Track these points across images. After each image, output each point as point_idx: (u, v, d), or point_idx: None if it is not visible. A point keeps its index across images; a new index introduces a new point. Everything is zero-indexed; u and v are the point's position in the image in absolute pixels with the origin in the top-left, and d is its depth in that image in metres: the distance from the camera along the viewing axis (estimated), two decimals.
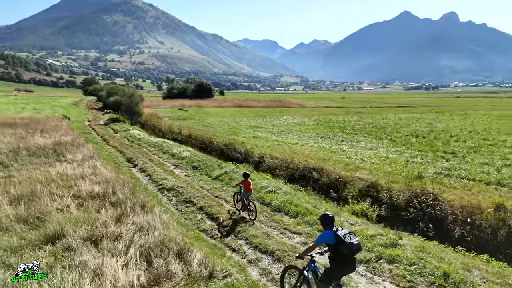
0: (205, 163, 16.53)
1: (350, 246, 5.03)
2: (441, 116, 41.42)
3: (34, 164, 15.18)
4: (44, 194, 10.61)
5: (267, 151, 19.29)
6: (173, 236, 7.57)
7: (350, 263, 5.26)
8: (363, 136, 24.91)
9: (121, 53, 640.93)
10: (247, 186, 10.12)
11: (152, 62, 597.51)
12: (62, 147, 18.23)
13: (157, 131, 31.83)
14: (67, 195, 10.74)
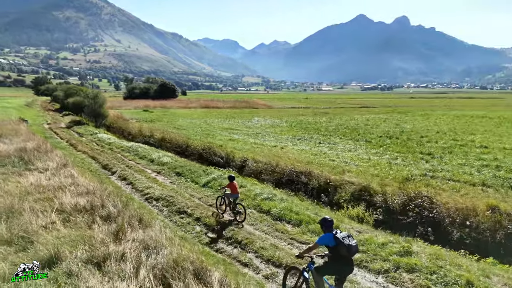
0: (189, 169, 15.88)
1: (348, 248, 5.32)
2: (405, 117, 43.13)
3: (0, 174, 13.81)
4: (23, 209, 9.62)
5: (248, 155, 18.91)
6: (186, 254, 7.02)
7: (348, 264, 5.57)
8: (338, 137, 25.23)
9: (75, 51, 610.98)
10: (234, 189, 10.42)
11: (109, 60, 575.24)
12: (28, 154, 16.77)
13: (126, 135, 30.38)
14: (49, 210, 9.82)
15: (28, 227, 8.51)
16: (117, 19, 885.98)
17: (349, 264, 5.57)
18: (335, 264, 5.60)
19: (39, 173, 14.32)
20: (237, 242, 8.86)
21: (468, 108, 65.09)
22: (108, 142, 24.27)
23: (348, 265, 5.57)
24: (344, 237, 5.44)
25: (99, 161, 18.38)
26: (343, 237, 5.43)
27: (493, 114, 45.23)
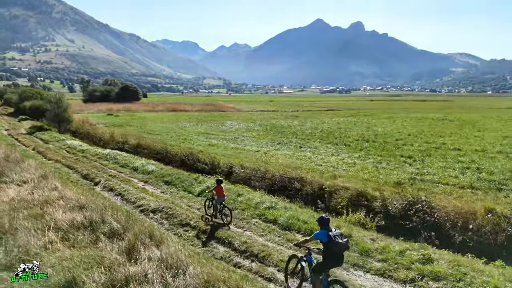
0: (178, 177, 15.33)
1: (338, 245, 6.04)
2: (372, 119, 44.62)
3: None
4: (15, 228, 8.77)
5: (234, 161, 18.62)
6: (217, 273, 6.66)
7: (337, 259, 6.26)
8: (317, 141, 25.55)
9: (23, 51, 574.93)
10: (220, 192, 10.72)
11: (61, 61, 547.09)
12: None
13: (96, 141, 28.90)
14: (43, 228, 9.03)
15: (28, 249, 7.77)
16: (69, 17, 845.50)
17: (339, 259, 6.27)
18: (327, 261, 6.32)
19: (17, 186, 13.19)
20: (254, 256, 8.58)
21: (425, 110, 68.61)
22: (81, 149, 22.92)
23: (337, 260, 6.28)
24: (336, 235, 6.12)
25: (77, 170, 17.26)
26: (335, 235, 6.12)
27: (451, 117, 47.96)
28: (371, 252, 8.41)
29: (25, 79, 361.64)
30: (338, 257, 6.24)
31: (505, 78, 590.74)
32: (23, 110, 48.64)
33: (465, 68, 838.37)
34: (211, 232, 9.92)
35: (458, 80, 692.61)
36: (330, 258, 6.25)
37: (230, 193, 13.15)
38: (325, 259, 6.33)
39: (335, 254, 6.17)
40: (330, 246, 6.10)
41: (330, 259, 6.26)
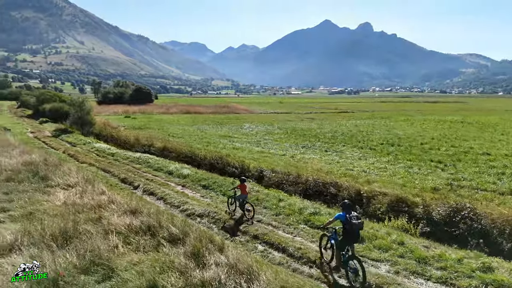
0: (214, 181, 15.57)
1: (352, 225, 7.60)
2: (389, 122, 44.54)
3: (22, 192, 12.93)
4: (79, 232, 9.08)
5: (263, 165, 18.81)
6: (293, 281, 6.87)
7: (353, 236, 7.79)
8: (341, 145, 25.63)
9: (34, 53, 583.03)
10: (244, 189, 11.79)
11: (72, 63, 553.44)
12: (40, 169, 15.82)
13: (120, 143, 29.27)
14: (106, 232, 9.33)
15: (101, 253, 8.05)
16: (79, 20, 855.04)
17: (354, 237, 7.81)
18: (346, 238, 7.85)
19: (62, 189, 13.58)
20: (311, 262, 8.75)
21: (441, 112, 68.17)
22: (110, 153, 23.27)
23: (353, 237, 7.81)
24: (352, 217, 7.73)
25: (113, 174, 17.60)
26: (351, 217, 7.72)
27: (469, 119, 47.67)
28: (428, 259, 8.52)
29: (37, 81, 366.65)
30: (354, 235, 7.76)
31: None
32: (43, 112, 49.44)
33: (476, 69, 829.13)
34: (263, 238, 10.12)
35: (468, 81, 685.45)
36: (347, 235, 7.76)
37: (270, 198, 13.35)
38: (344, 236, 7.87)
39: (351, 232, 7.70)
40: (346, 225, 7.69)
41: (347, 236, 7.78)
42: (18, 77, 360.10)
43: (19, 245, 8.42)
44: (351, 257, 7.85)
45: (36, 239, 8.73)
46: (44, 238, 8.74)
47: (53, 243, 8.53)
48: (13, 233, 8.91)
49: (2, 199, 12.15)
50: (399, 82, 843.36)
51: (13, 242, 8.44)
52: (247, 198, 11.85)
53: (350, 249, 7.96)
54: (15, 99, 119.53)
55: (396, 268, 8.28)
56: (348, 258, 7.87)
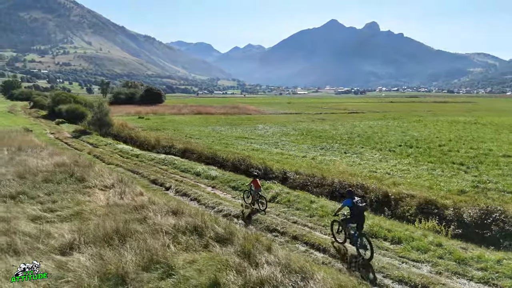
0: (242, 183, 15.97)
1: (358, 207, 9.41)
2: (402, 123, 44.64)
3: (63, 192, 13.46)
4: (131, 231, 9.54)
5: (285, 166, 19.14)
6: (342, 279, 7.24)
7: (360, 216, 9.47)
8: (359, 146, 25.90)
9: (43, 53, 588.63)
10: (257, 184, 13.31)
11: (79, 63, 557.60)
12: (73, 170, 16.34)
13: (140, 144, 29.76)
14: (154, 232, 9.76)
15: (156, 252, 8.47)
16: (86, 20, 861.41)
17: (361, 217, 9.49)
18: (352, 217, 9.56)
19: (100, 190, 14.08)
20: (353, 262, 9.11)
21: (452, 113, 68.02)
22: (134, 154, 23.79)
23: (360, 217, 9.48)
24: (357, 201, 9.56)
25: (143, 175, 18.08)
26: (357, 201, 9.56)
27: (482, 120, 47.61)
28: (467, 260, 8.84)
29: (45, 81, 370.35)
30: (360, 215, 9.47)
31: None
32: (59, 113, 50.21)
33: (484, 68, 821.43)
34: (302, 238, 10.48)
35: (476, 80, 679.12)
36: (354, 215, 9.51)
37: (301, 200, 13.70)
38: (351, 216, 9.60)
39: (357, 213, 9.44)
40: (353, 208, 9.46)
41: (354, 216, 9.51)
42: (27, 77, 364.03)
43: (78, 243, 8.90)
44: (360, 235, 9.46)
45: (91, 238, 9.21)
46: (100, 237, 9.22)
47: (110, 242, 9.01)
48: (70, 232, 9.38)
49: (46, 200, 12.67)
50: (406, 82, 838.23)
51: (72, 241, 8.92)
52: (260, 191, 13.32)
53: (358, 228, 9.49)
54: (26, 99, 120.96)
55: (438, 269, 8.60)
56: (358, 236, 9.49)
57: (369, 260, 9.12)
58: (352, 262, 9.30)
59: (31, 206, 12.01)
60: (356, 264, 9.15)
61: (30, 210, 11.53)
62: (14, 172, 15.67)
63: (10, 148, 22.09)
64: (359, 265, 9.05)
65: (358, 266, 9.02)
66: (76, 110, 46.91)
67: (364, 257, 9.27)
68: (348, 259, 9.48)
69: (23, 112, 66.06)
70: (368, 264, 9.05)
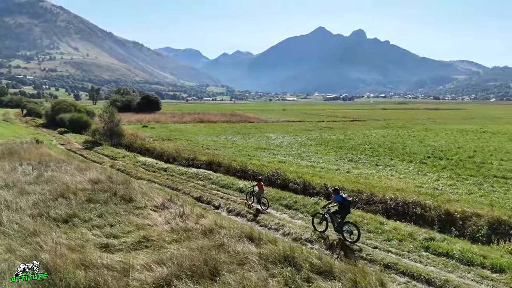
0: (295, 201, 15.26)
1: (347, 201, 11.68)
2: (411, 131, 44.61)
3: (114, 214, 12.59)
4: (220, 263, 8.78)
5: (325, 181, 18.52)
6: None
7: (347, 209, 11.65)
8: (387, 158, 25.46)
9: (28, 59, 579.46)
10: (260, 187, 14.97)
11: (66, 69, 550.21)
12: (112, 187, 15.43)
13: (158, 155, 28.83)
14: (241, 263, 9.03)
15: None
16: (73, 26, 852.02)
17: (348, 209, 11.70)
18: (341, 210, 11.61)
19: (153, 211, 13.25)
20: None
21: (452, 121, 68.73)
22: (160, 167, 22.81)
23: (347, 209, 11.68)
24: (346, 197, 11.98)
25: (184, 192, 17.19)
26: (345, 197, 11.94)
27: (488, 129, 48.06)
28: None
29: (31, 87, 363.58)
30: (347, 208, 11.62)
31: (509, 85, 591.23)
32: (61, 122, 48.70)
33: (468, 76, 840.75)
34: (396, 267, 9.80)
35: (461, 87, 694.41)
36: (342, 209, 11.55)
37: (369, 220, 12.99)
38: (340, 209, 11.61)
39: (346, 207, 11.57)
40: (343, 203, 11.55)
41: (342, 209, 11.56)
42: (12, 83, 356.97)
43: (169, 278, 8.12)
44: (346, 223, 11.61)
45: (179, 270, 8.42)
46: (189, 269, 8.44)
47: (203, 275, 8.27)
48: (154, 263, 8.62)
49: (101, 223, 11.83)
50: (393, 89, 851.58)
51: (164, 276, 8.14)
52: (263, 193, 14.99)
53: (343, 218, 11.65)
54: (16, 106, 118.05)
55: None
56: (343, 224, 11.57)
57: (356, 242, 11.12)
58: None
59: (90, 231, 11.15)
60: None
61: (92, 237, 10.68)
62: (52, 191, 14.70)
63: (31, 162, 21.00)
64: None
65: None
66: (80, 119, 45.59)
67: (350, 240, 11.29)
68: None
69: (19, 120, 64.11)
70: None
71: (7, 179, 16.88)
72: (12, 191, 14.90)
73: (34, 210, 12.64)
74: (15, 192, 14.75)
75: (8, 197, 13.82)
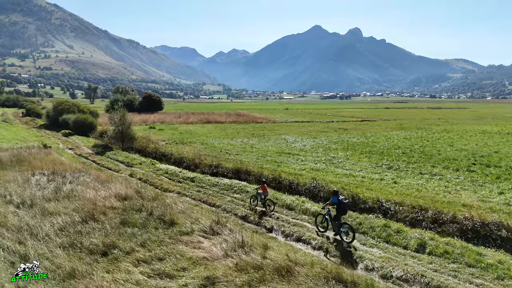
0: (360, 222, 13.24)
1: (344, 203, 12.12)
2: (432, 133, 42.80)
3: (158, 243, 10.58)
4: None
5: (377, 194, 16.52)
6: None
7: (344, 211, 12.21)
8: (429, 165, 23.45)
9: (23, 57, 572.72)
10: (264, 189, 15.11)
11: (61, 67, 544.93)
12: (146, 205, 13.41)
13: (175, 162, 26.76)
14: None
15: None
16: (68, 24, 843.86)
17: (345, 211, 12.22)
18: (338, 213, 12.10)
19: (203, 238, 11.22)
20: None
21: (463, 121, 67.17)
22: (186, 177, 20.67)
23: (344, 211, 12.22)
24: (343, 199, 12.25)
25: (224, 208, 15.10)
26: (342, 199, 12.23)
27: (508, 129, 46.48)
28: None
29: (26, 85, 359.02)
30: (344, 210, 12.09)
31: (504, 84, 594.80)
32: (65, 123, 46.41)
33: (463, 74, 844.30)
34: None
35: (456, 86, 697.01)
36: (339, 211, 12.02)
37: (462, 250, 10.97)
38: (337, 212, 12.05)
39: (343, 208, 12.04)
40: (339, 204, 11.99)
41: (339, 211, 12.03)
42: (7, 81, 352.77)
43: None
44: (342, 224, 12.13)
45: None
46: None
47: None
48: None
49: (147, 257, 9.84)
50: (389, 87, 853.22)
51: None
52: (267, 195, 15.15)
53: (340, 219, 12.15)
54: (13, 105, 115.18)
55: None
56: (341, 225, 12.11)
57: (351, 242, 11.75)
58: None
59: (136, 267, 9.16)
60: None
61: (141, 276, 8.69)
62: (78, 211, 12.68)
63: (44, 172, 18.92)
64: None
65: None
66: (85, 120, 43.36)
67: (347, 241, 11.89)
68: None
69: (19, 121, 61.60)
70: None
71: (23, 194, 14.81)
72: (31, 211, 12.87)
73: (63, 238, 10.60)
74: (36, 212, 12.70)
75: (30, 220, 11.77)
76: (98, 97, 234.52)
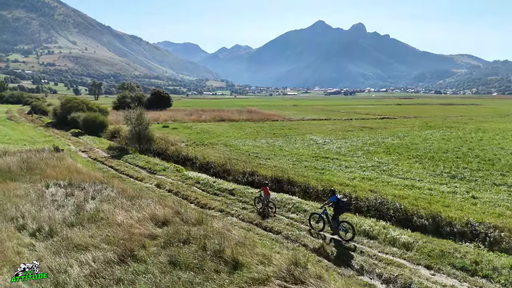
0: (462, 255, 10.40)
1: (342, 203, 11.99)
2: (468, 133, 39.77)
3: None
4: None
5: (465, 215, 13.59)
6: None
7: (343, 209, 12.14)
8: (497, 174, 20.31)
9: (26, 53, 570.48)
10: (267, 192, 14.64)
11: (64, 63, 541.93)
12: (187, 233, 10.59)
13: (202, 167, 23.97)
14: None
15: None
16: (71, 20, 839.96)
17: (344, 210, 12.18)
18: (337, 211, 12.07)
19: None
20: None
21: (486, 118, 64.03)
22: (223, 188, 17.68)
23: (343, 210, 12.18)
24: (341, 198, 12.21)
25: (288, 237, 12.09)
26: (340, 198, 12.18)
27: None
28: None
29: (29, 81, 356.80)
30: (343, 209, 12.10)
31: (510, 79, 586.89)
32: (74, 122, 43.68)
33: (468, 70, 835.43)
34: None
35: (461, 81, 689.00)
36: (338, 209, 12.04)
37: None
38: (335, 210, 12.11)
39: (342, 207, 12.03)
40: (338, 203, 11.98)
41: (338, 210, 12.06)
42: (10, 77, 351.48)
43: None
44: (341, 222, 12.13)
45: None
46: None
47: None
48: None
49: None
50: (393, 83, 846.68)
51: None
52: (269, 198, 14.65)
53: (338, 218, 12.03)
54: (17, 102, 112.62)
55: None
56: (340, 222, 12.10)
57: (351, 240, 11.60)
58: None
59: None
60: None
61: None
62: (110, 243, 9.87)
63: (59, 183, 16.15)
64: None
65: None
66: (96, 119, 40.62)
67: (345, 238, 11.73)
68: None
69: (25, 119, 58.91)
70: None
71: (38, 216, 12.03)
72: (52, 243, 10.10)
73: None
74: (58, 245, 9.90)
75: (52, 260, 8.94)
76: (102, 93, 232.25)
